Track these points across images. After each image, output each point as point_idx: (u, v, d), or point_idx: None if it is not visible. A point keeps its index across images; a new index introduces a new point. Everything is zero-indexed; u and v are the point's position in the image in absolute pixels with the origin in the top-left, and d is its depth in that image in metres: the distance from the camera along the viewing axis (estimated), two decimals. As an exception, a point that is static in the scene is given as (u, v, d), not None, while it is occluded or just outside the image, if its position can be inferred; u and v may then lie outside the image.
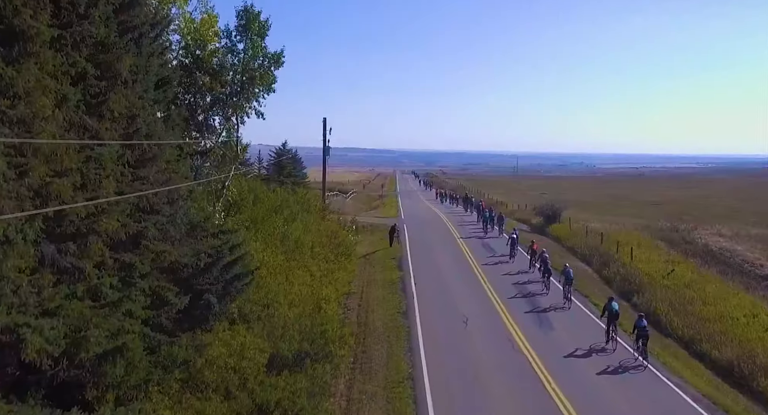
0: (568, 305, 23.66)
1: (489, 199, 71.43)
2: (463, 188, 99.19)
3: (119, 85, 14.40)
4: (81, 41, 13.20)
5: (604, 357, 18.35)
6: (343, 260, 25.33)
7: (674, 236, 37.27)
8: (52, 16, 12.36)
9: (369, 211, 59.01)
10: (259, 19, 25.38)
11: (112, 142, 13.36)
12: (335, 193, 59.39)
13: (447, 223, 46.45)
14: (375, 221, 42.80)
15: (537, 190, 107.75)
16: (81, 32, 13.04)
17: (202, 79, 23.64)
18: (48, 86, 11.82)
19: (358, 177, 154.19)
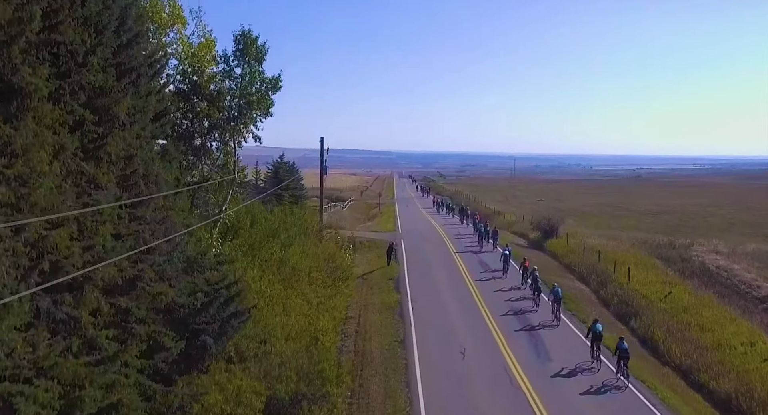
0: (557, 323, 24.35)
1: (486, 209, 71.53)
2: (461, 194, 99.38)
3: (117, 129, 14.38)
4: (79, 89, 13.19)
5: (588, 377, 19.13)
6: (340, 284, 25.29)
7: (671, 254, 37.29)
8: (50, 65, 12.35)
9: (366, 222, 59.00)
10: (256, 43, 25.35)
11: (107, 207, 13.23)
12: (332, 205, 59.26)
13: (443, 237, 46.45)
14: (372, 235, 42.77)
15: (534, 197, 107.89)
16: (79, 81, 13.02)
17: (200, 106, 23.60)
18: (46, 139, 11.80)
19: (355, 182, 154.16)
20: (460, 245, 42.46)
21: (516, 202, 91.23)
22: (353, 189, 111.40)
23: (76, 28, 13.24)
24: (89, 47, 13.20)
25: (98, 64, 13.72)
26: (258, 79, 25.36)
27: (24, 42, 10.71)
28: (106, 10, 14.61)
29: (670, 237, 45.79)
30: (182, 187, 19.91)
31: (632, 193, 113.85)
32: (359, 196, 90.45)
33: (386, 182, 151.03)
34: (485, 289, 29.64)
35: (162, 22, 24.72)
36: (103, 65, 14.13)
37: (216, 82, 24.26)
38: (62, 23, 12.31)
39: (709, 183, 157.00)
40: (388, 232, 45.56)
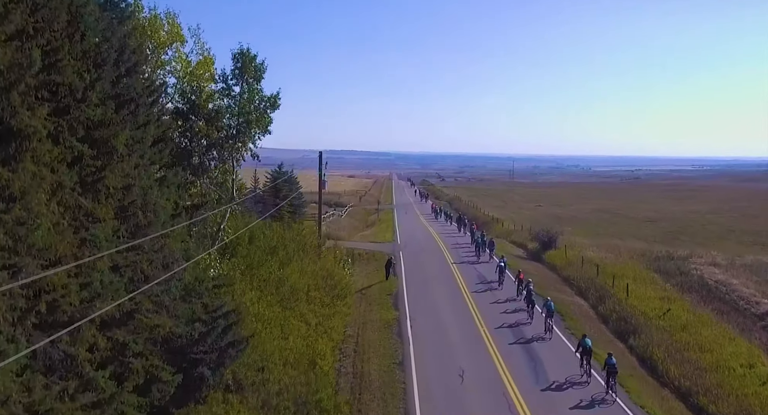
0: (549, 336, 24.98)
1: (484, 216, 71.56)
2: (459, 200, 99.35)
3: (115, 161, 14.34)
4: (78, 124, 13.14)
5: (578, 390, 19.78)
6: (338, 302, 25.24)
7: (670, 267, 37.23)
8: (49, 101, 12.31)
9: (365, 230, 58.98)
10: (255, 62, 25.32)
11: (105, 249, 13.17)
12: (331, 214, 59.18)
13: (441, 247, 46.52)
14: (371, 246, 42.69)
15: (533, 201, 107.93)
16: (78, 117, 12.97)
17: (198, 125, 23.55)
18: (45, 178, 11.75)
19: (354, 185, 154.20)
20: (458, 256, 42.60)
21: (514, 207, 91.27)
22: (352, 193, 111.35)
23: (75, 63, 13.23)
24: (88, 83, 13.17)
25: (97, 98, 13.69)
26: (257, 97, 25.34)
27: (23, 86, 10.68)
28: (105, 42, 14.59)
29: (668, 248, 45.77)
30: (180, 210, 19.83)
31: (631, 198, 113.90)
32: (358, 202, 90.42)
33: (385, 186, 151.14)
34: (481, 301, 30.11)
35: (160, 41, 24.73)
36: (102, 98, 14.10)
37: (214, 101, 24.20)
38: (61, 62, 12.28)
39: (707, 187, 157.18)
40: (386, 242, 45.52)
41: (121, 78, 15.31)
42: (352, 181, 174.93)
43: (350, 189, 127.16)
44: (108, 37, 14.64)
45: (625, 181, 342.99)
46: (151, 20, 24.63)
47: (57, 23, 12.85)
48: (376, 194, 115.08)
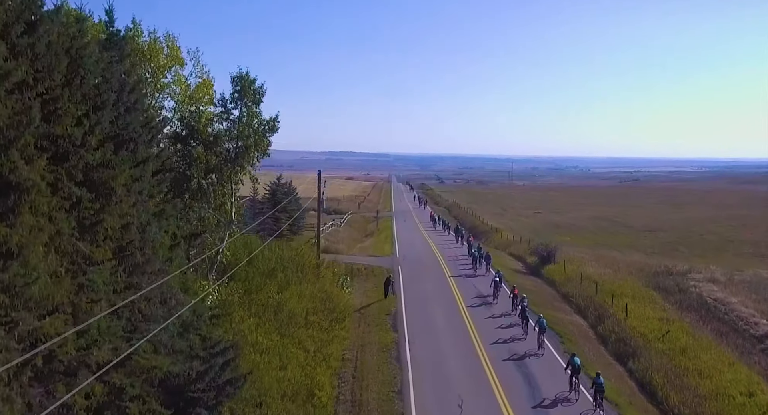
0: (542, 352, 25.71)
1: (483, 225, 71.55)
2: (458, 207, 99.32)
3: (113, 202, 14.27)
4: (76, 169, 13.08)
5: (567, 407, 20.47)
6: (336, 327, 25.16)
7: (669, 284, 37.19)
8: (47, 151, 12.25)
9: (364, 240, 58.98)
10: (254, 85, 25.29)
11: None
12: (329, 225, 59.09)
13: (439, 259, 46.90)
14: (370, 261, 42.60)
15: (532, 207, 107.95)
16: (77, 163, 12.90)
17: (197, 152, 23.48)
18: (43, 228, 11.69)
19: (353, 189, 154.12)
20: (455, 268, 42.90)
21: (513, 214, 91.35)
22: (351, 199, 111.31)
23: (75, 107, 13.16)
24: (88, 128, 13.10)
25: (96, 141, 13.63)
26: (256, 120, 25.30)
27: (22, 142, 10.62)
28: (105, 83, 14.53)
29: (667, 261, 45.82)
30: (179, 240, 19.76)
31: (629, 203, 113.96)
32: (357, 209, 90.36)
33: (383, 190, 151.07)
34: (477, 317, 30.76)
35: (159, 64, 24.70)
36: (101, 139, 14.04)
37: (213, 125, 24.15)
38: (60, 109, 12.23)
39: (705, 191, 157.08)
40: (385, 256, 45.43)
41: (120, 117, 15.25)
42: (351, 186, 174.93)
43: (349, 194, 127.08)
44: (108, 78, 14.59)
45: (623, 182, 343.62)
46: (150, 44, 24.60)
47: (57, 71, 12.83)
48: (375, 200, 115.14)
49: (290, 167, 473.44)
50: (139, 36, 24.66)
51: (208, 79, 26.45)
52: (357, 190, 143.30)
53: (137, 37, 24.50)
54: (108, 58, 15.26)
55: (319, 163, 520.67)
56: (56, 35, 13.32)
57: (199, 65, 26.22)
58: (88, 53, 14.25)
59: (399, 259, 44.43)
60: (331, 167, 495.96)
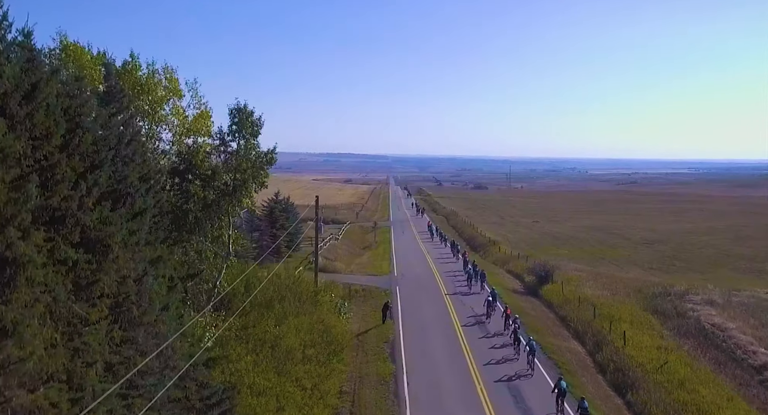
0: (531, 373, 26.59)
1: (481, 237, 71.56)
2: (456, 216, 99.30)
3: (109, 260, 14.19)
4: (73, 231, 13.00)
5: None
6: (334, 360, 25.08)
7: (667, 307, 37.16)
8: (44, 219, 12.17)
9: (362, 254, 58.93)
10: (252, 118, 25.23)
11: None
12: (328, 240, 59.00)
13: (436, 275, 47.69)
14: (367, 281, 42.52)
15: (530, 215, 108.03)
16: (73, 227, 12.82)
17: (194, 188, 23.40)
18: (39, 299, 11.60)
19: (351, 195, 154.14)
20: (451, 285, 43.94)
21: (511, 225, 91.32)
22: (349, 206, 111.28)
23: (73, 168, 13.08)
24: (85, 191, 13.01)
25: (93, 201, 13.54)
26: (253, 153, 25.23)
27: (19, 220, 10.54)
28: (103, 141, 14.45)
29: (664, 275, 45.93)
30: (176, 282, 19.68)
31: (627, 211, 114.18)
32: (355, 218, 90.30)
33: (382, 196, 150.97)
34: (472, 336, 31.78)
35: (158, 97, 24.66)
36: (98, 197, 13.95)
37: (211, 159, 24.06)
38: (58, 177, 12.15)
39: (703, 197, 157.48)
40: (383, 275, 45.37)
41: (117, 171, 15.17)
42: (348, 191, 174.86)
43: (347, 201, 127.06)
44: (106, 136, 14.52)
45: (620, 185, 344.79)
46: (148, 78, 24.58)
47: (55, 137, 12.77)
48: (373, 207, 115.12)
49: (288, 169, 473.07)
50: (138, 69, 24.65)
51: (207, 110, 26.46)
52: (355, 197, 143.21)
53: (135, 70, 24.49)
54: (107, 112, 15.19)
55: (318, 164, 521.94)
56: (55, 97, 13.29)
57: (197, 96, 26.27)
58: (86, 111, 14.19)
59: (397, 277, 44.40)
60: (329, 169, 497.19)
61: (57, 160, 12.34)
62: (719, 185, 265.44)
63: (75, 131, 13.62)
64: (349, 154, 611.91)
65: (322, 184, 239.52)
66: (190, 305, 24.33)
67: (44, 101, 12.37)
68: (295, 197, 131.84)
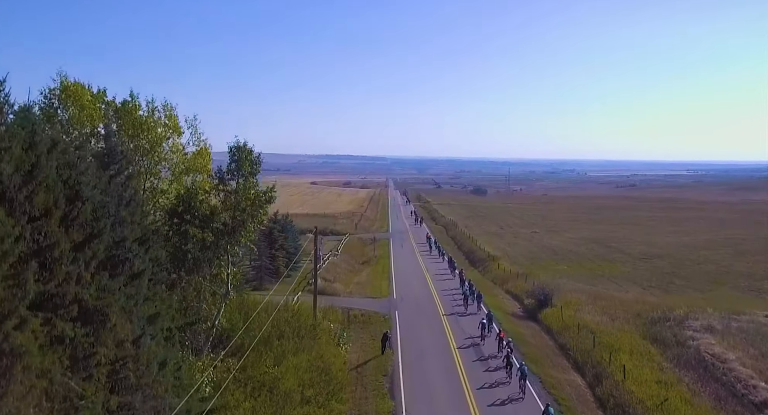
0: (523, 397, 27.62)
1: (480, 251, 71.52)
2: (455, 226, 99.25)
3: (107, 329, 14.09)
4: (70, 307, 12.90)
5: None
6: (333, 400, 24.97)
7: (666, 335, 37.05)
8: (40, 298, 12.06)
9: (361, 271, 58.85)
10: (251, 157, 25.14)
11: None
12: (327, 257, 58.89)
13: (434, 295, 48.16)
14: (367, 305, 42.41)
15: (529, 224, 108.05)
16: (71, 304, 12.72)
17: (193, 231, 23.30)
18: (35, 385, 11.51)
19: (350, 201, 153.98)
20: (448, 305, 44.83)
21: (510, 236, 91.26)
22: (348, 215, 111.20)
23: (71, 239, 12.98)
24: (83, 266, 12.92)
25: (90, 273, 13.44)
26: (252, 192, 25.12)
27: (16, 316, 10.45)
28: (102, 209, 14.35)
29: (663, 302, 45.83)
30: (174, 332, 19.59)
31: (626, 220, 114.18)
32: (354, 229, 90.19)
33: (381, 203, 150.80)
34: (466, 357, 33.03)
35: (157, 137, 24.58)
36: (96, 267, 13.85)
37: (210, 201, 23.94)
38: (57, 260, 12.06)
39: (702, 203, 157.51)
40: (382, 298, 45.27)
41: (116, 234, 15.07)
42: (348, 197, 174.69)
43: (346, 209, 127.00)
44: (105, 203, 14.42)
45: (619, 187, 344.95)
46: (148, 117, 24.52)
47: (55, 216, 12.68)
48: (372, 216, 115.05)
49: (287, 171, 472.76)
50: (137, 109, 24.59)
51: (206, 147, 26.40)
52: (353, 204, 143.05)
53: (135, 110, 24.43)
54: (107, 176, 15.10)
55: (316, 166, 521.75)
56: (55, 171, 13.20)
57: (196, 133, 26.25)
58: (86, 179, 14.10)
59: (396, 300, 44.34)
60: (328, 171, 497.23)
61: (56, 240, 12.24)
62: (718, 188, 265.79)
63: (74, 203, 13.53)
64: (348, 156, 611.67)
65: (321, 188, 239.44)
66: (188, 345, 24.26)
67: (44, 182, 12.28)
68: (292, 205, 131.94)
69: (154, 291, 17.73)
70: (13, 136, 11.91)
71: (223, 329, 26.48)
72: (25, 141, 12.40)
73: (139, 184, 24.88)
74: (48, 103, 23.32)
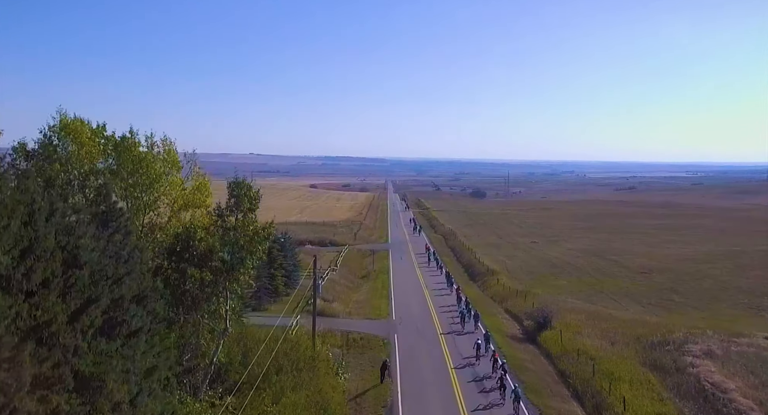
0: None
1: (480, 264, 71.47)
2: (454, 236, 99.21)
3: (104, 395, 13.97)
4: (66, 379, 12.78)
5: None
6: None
7: (666, 361, 36.94)
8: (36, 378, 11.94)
9: (360, 287, 58.81)
10: (250, 193, 25.01)
11: None
12: (327, 273, 58.77)
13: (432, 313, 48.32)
14: (365, 327, 42.22)
15: (528, 233, 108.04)
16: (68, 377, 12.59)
17: (191, 271, 23.16)
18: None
19: (350, 207, 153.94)
20: (446, 324, 45.23)
21: (509, 246, 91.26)
22: (347, 223, 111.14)
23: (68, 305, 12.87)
24: (81, 336, 12.81)
25: (88, 341, 13.34)
26: (251, 228, 24.98)
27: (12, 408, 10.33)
28: (100, 272, 14.24)
29: (663, 323, 45.80)
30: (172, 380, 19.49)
31: (626, 229, 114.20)
32: (353, 240, 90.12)
33: (380, 209, 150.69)
34: (462, 377, 33.78)
35: (156, 173, 24.49)
36: (94, 334, 13.75)
37: (208, 240, 23.77)
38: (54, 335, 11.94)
39: (701, 209, 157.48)
40: (381, 320, 45.13)
41: (113, 295, 14.95)
42: (347, 202, 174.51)
43: (345, 216, 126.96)
44: (103, 267, 14.31)
45: (619, 190, 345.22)
46: (147, 154, 24.45)
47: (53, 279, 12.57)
48: (372, 224, 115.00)
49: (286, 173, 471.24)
50: (137, 146, 24.51)
51: (205, 181, 26.32)
52: (353, 210, 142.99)
53: (134, 147, 24.34)
54: (105, 236, 15.00)
55: (316, 167, 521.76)
56: (53, 238, 13.09)
57: (195, 168, 26.12)
58: (84, 244, 13.99)
59: (395, 322, 44.24)
60: (327, 172, 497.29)
61: (54, 315, 12.12)
62: (718, 192, 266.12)
63: (72, 271, 13.42)
64: (348, 158, 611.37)
65: (320, 193, 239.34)
66: (186, 384, 24.16)
67: (42, 256, 12.17)
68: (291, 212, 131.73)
69: (152, 343, 17.60)
70: (12, 212, 11.77)
71: (222, 364, 26.34)
72: (23, 214, 12.26)
73: (138, 220, 24.79)
74: (47, 141, 23.26)
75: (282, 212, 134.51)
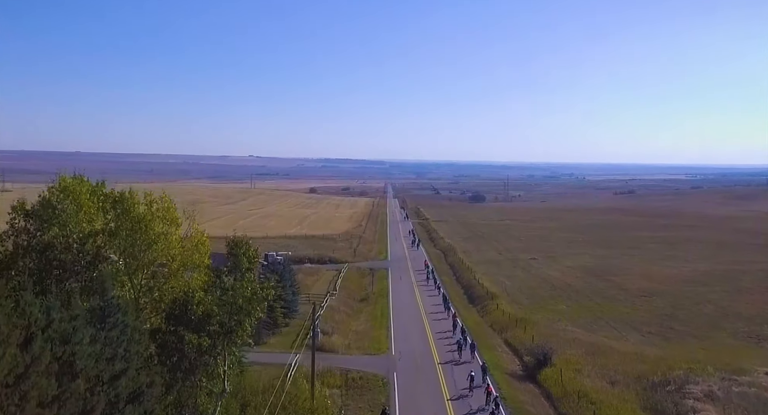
0: None
1: (479, 286, 71.31)
2: (453, 251, 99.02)
3: None
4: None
5: None
6: None
7: (667, 405, 36.77)
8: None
9: (360, 312, 58.67)
10: (248, 252, 24.85)
11: None
12: (326, 299, 58.59)
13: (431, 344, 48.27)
14: (364, 364, 41.92)
15: (528, 247, 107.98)
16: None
17: (189, 337, 22.95)
18: None
19: (349, 216, 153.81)
20: (443, 351, 45.94)
21: (509, 263, 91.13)
22: (346, 237, 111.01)
23: None
24: None
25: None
26: (249, 288, 24.78)
27: None
28: (96, 378, 14.06)
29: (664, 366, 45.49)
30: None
31: (625, 243, 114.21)
32: (353, 256, 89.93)
33: (380, 220, 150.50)
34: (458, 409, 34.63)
35: (155, 234, 24.33)
36: None
37: (206, 303, 23.55)
38: None
39: (701, 218, 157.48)
40: (381, 355, 44.88)
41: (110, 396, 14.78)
42: (346, 211, 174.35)
43: (344, 227, 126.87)
44: (99, 372, 14.13)
45: (618, 194, 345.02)
46: (146, 215, 24.28)
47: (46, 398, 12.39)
48: (371, 237, 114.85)
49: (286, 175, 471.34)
50: (136, 206, 24.36)
51: (204, 238, 26.14)
52: (352, 221, 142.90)
53: (133, 209, 24.16)
54: (102, 339, 14.81)
55: (316, 170, 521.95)
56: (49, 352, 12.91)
57: (194, 224, 25.95)
58: (80, 352, 13.81)
59: (394, 358, 44.02)
60: (327, 175, 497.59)
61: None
62: (717, 197, 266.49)
63: (68, 385, 13.23)
64: (348, 160, 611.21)
65: (319, 198, 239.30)
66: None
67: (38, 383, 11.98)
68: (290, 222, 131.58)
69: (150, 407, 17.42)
70: (8, 338, 11.59)
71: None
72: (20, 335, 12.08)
73: (136, 279, 24.63)
74: (47, 203, 23.13)
75: (281, 222, 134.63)
